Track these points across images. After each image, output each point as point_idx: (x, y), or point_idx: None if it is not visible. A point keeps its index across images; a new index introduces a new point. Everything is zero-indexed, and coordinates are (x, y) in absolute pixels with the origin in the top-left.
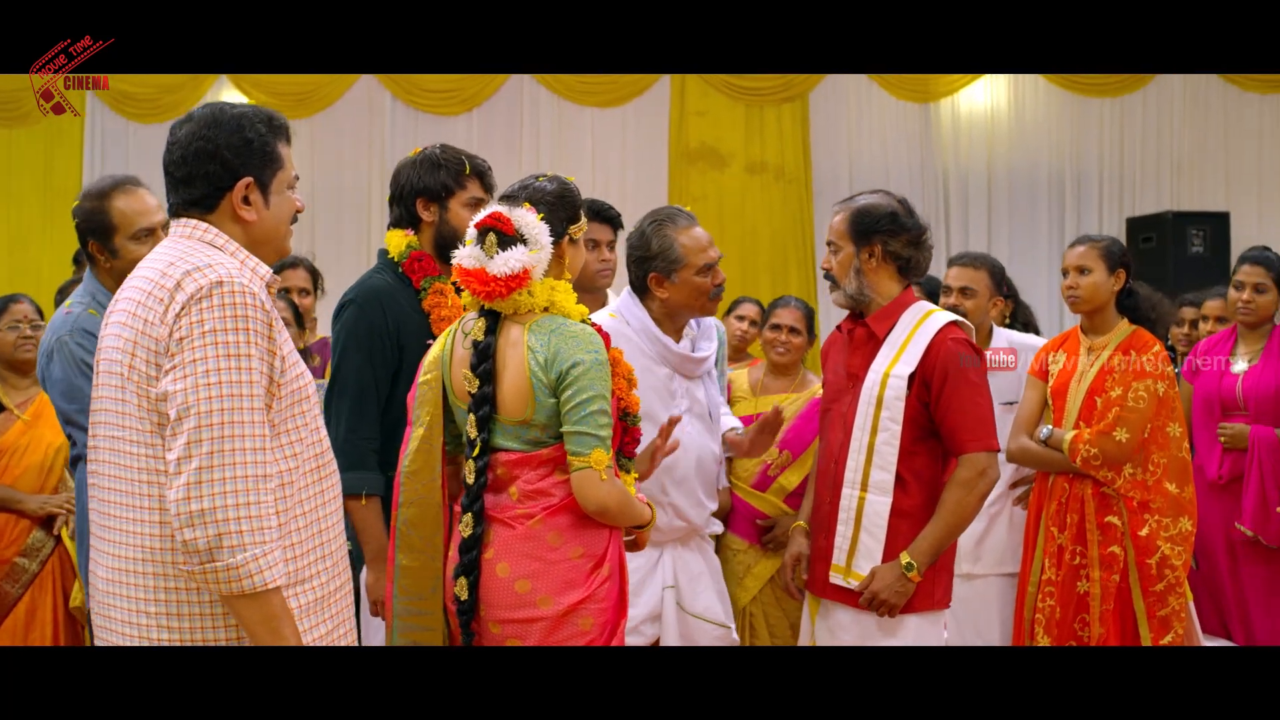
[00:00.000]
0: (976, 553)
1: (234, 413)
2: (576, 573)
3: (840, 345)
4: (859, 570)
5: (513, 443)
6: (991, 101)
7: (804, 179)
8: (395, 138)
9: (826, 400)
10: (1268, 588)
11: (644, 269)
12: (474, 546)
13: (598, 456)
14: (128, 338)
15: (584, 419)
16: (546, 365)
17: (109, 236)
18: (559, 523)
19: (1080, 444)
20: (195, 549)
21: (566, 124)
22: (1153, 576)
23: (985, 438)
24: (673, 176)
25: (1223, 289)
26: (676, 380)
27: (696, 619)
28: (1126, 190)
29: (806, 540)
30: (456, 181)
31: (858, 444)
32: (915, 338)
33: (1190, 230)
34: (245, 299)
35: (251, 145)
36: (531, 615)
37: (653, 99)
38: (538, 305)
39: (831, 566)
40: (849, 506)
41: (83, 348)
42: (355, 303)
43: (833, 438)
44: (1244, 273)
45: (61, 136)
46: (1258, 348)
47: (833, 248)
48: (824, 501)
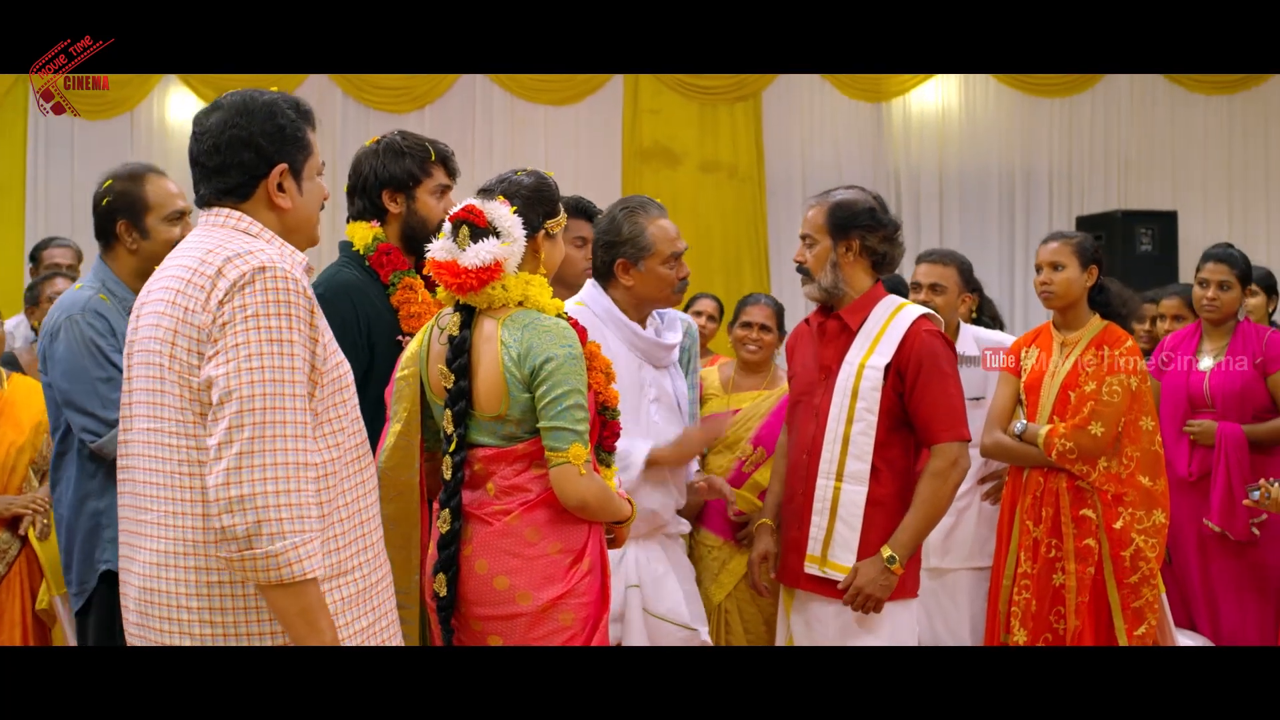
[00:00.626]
0: (945, 546)
1: (277, 398)
2: (555, 568)
3: (808, 339)
4: (836, 560)
5: (488, 438)
6: (942, 101)
7: (757, 178)
8: (346, 135)
9: (796, 393)
10: (1236, 583)
11: (612, 254)
12: (452, 542)
13: (576, 451)
14: (167, 326)
15: (560, 414)
16: (520, 360)
17: (141, 215)
18: (536, 518)
19: (1056, 438)
20: (234, 535)
21: (519, 122)
22: (1127, 569)
23: (957, 427)
24: (626, 175)
25: (1179, 287)
26: (646, 369)
27: (659, 620)
28: (1075, 189)
29: (773, 538)
30: (422, 169)
31: (833, 434)
32: (889, 330)
33: (1139, 229)
34: (288, 284)
35: (284, 131)
36: (511, 611)
37: (606, 97)
38: (512, 299)
39: (807, 557)
40: (824, 497)
41: (94, 328)
42: (324, 297)
43: (804, 430)
44: (1208, 270)
45: (4, 132)
46: (1222, 344)
47: (808, 241)
48: (796, 493)
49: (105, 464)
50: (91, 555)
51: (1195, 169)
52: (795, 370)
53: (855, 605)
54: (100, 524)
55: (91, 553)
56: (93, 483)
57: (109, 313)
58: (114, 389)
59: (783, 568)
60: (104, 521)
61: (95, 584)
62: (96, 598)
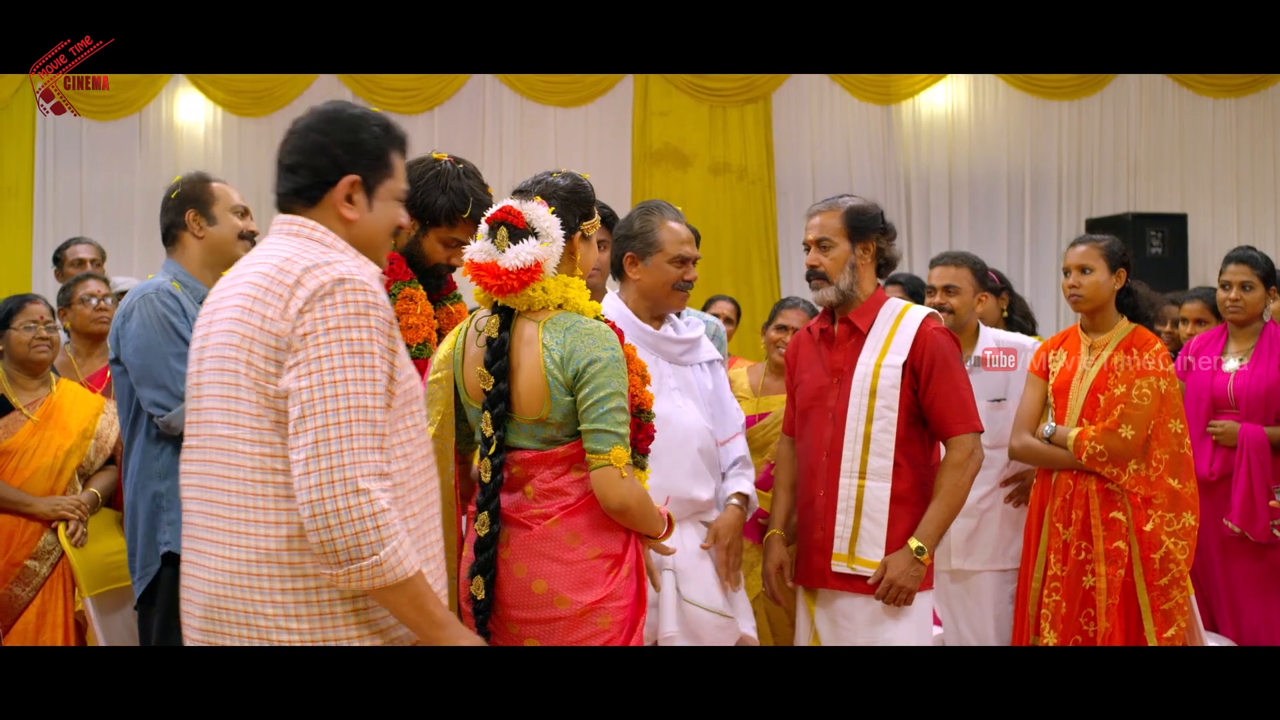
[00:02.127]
0: (969, 548)
1: (359, 410)
2: (594, 572)
3: (809, 346)
4: (864, 556)
5: (528, 441)
6: (952, 104)
7: (767, 180)
8: None
9: (805, 401)
10: (1257, 584)
11: (622, 248)
12: (490, 545)
13: (617, 454)
14: (243, 333)
15: (602, 416)
16: (563, 363)
17: (209, 205)
18: (576, 523)
19: (1085, 441)
20: (333, 551)
21: (529, 124)
22: (1156, 571)
23: (971, 420)
24: (636, 177)
25: (1202, 290)
26: (662, 364)
27: (694, 607)
28: (1085, 192)
29: (785, 548)
30: (448, 218)
31: (853, 434)
32: (900, 329)
33: (1149, 231)
34: (368, 296)
35: (364, 145)
36: (550, 615)
37: (616, 99)
38: (551, 302)
39: (834, 556)
40: (848, 495)
41: (166, 306)
42: None
43: (819, 433)
44: (1230, 272)
45: (12, 134)
46: (1248, 346)
47: (824, 245)
48: (816, 496)
49: (171, 444)
50: (154, 537)
51: (1203, 171)
52: (801, 379)
53: (888, 598)
54: (161, 506)
55: (154, 535)
56: (156, 464)
57: (181, 296)
58: (184, 363)
59: (805, 570)
60: (164, 504)
61: (159, 566)
62: (162, 581)
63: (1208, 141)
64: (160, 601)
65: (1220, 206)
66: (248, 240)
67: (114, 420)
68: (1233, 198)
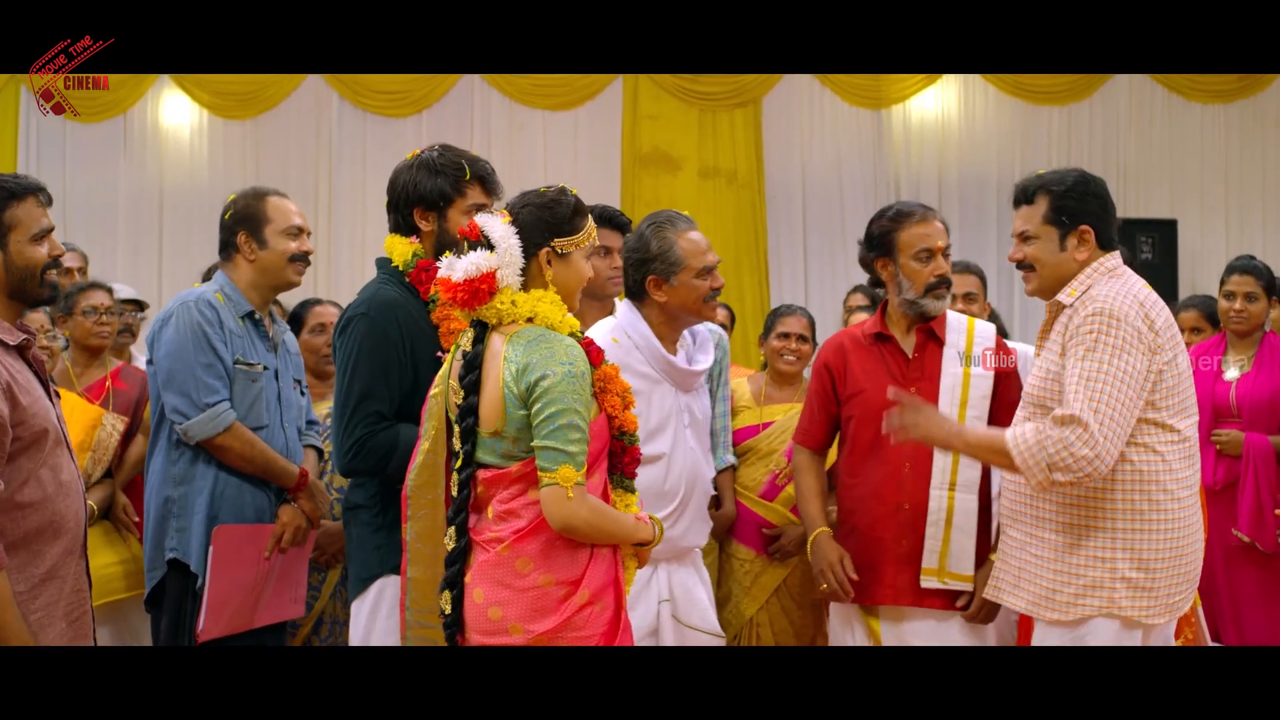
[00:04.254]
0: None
1: None
2: (547, 600)
3: (864, 353)
4: (955, 570)
5: (490, 457)
6: (942, 108)
7: (757, 184)
8: (342, 140)
9: (871, 410)
10: (1263, 592)
11: (643, 271)
12: (457, 560)
13: (565, 473)
14: None
15: (552, 433)
16: (518, 376)
17: (262, 227)
18: (526, 549)
19: None
20: None
21: (518, 127)
22: None
23: None
24: (625, 181)
25: (1198, 299)
26: (677, 399)
27: (693, 630)
28: None
29: (836, 544)
30: (455, 188)
31: None
32: (976, 340)
33: (1139, 237)
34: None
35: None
36: (505, 643)
37: (605, 102)
38: (520, 315)
39: (923, 571)
40: (939, 508)
41: (204, 316)
42: (368, 316)
43: (898, 444)
44: (1234, 282)
45: None
46: (1248, 354)
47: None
48: (897, 507)
49: (189, 451)
50: (161, 542)
51: (1192, 177)
52: (859, 388)
53: (980, 617)
54: (170, 512)
55: (161, 540)
56: (174, 469)
57: (221, 309)
58: (211, 375)
59: (876, 585)
60: (174, 510)
61: (164, 571)
62: (168, 586)
63: (1197, 147)
64: (167, 606)
65: (1209, 212)
66: (300, 262)
67: (112, 432)
68: (1222, 203)
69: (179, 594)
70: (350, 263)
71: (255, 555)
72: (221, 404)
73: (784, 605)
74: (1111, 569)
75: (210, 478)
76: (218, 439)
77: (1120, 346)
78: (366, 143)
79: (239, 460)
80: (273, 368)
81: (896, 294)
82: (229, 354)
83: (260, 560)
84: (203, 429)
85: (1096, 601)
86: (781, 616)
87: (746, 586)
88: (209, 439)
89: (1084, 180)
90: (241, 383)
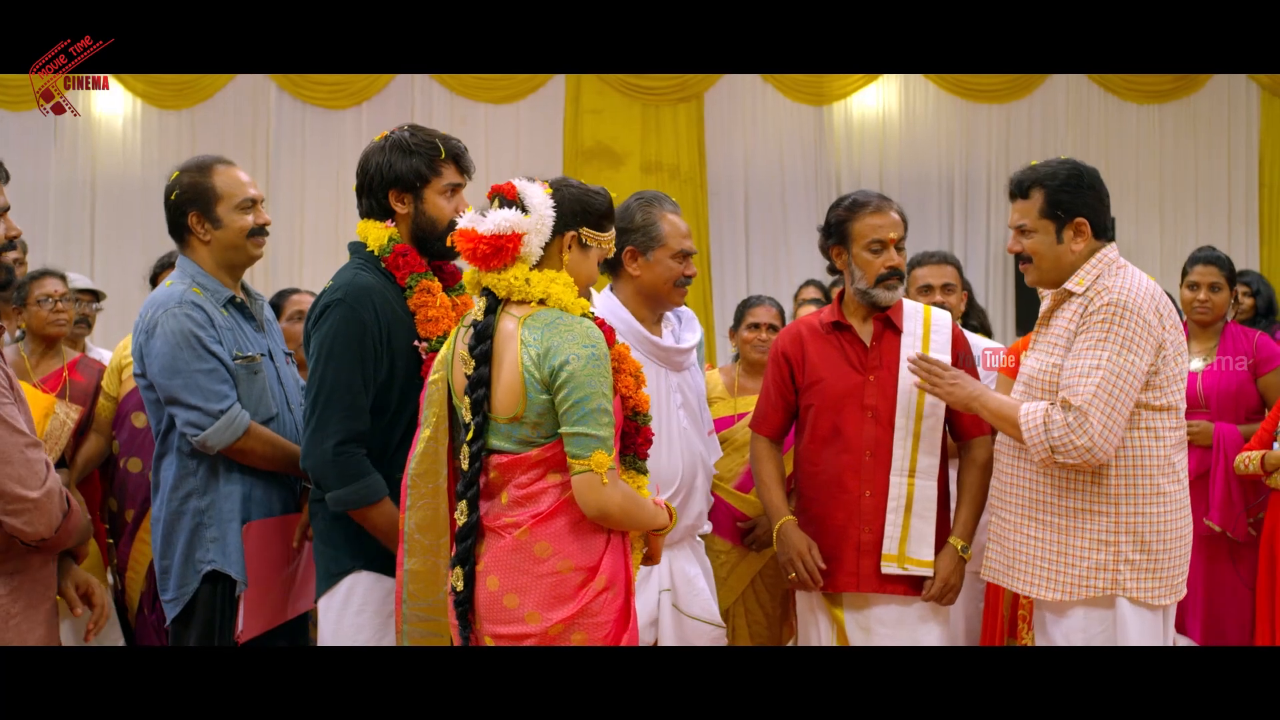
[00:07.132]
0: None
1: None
2: (565, 586)
3: (821, 341)
4: (915, 556)
5: (505, 443)
6: (883, 106)
7: (699, 179)
8: (280, 131)
9: (831, 398)
10: (1236, 582)
11: (622, 241)
12: (469, 535)
13: (599, 459)
14: None
15: (582, 419)
16: (539, 360)
17: (212, 205)
18: (547, 532)
19: None
20: None
21: (459, 120)
22: None
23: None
24: (567, 174)
25: None
26: (669, 375)
27: (693, 620)
28: None
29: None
30: (430, 168)
31: (903, 431)
32: (934, 329)
33: None
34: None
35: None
36: (521, 631)
37: (547, 96)
38: (533, 295)
39: (883, 557)
40: (899, 494)
41: (191, 320)
42: (344, 302)
43: (857, 432)
44: (1198, 273)
45: None
46: (1211, 345)
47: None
48: (859, 494)
49: (207, 460)
50: (193, 556)
51: (1129, 175)
52: (818, 376)
53: (942, 599)
54: (202, 523)
55: (192, 554)
56: (194, 480)
57: (204, 304)
58: (216, 380)
59: (839, 573)
60: (206, 520)
61: (197, 585)
62: (200, 601)
63: (1133, 145)
64: (198, 620)
65: (1143, 212)
66: (260, 235)
67: (66, 421)
68: (1156, 201)
69: (211, 604)
70: (289, 256)
71: (285, 547)
72: (234, 408)
73: (759, 596)
74: (1115, 551)
75: (237, 482)
76: (237, 444)
77: (1129, 340)
78: (306, 135)
79: (261, 461)
80: (266, 350)
81: (850, 283)
82: (226, 352)
83: (289, 551)
84: (221, 437)
85: (1101, 583)
86: (757, 608)
87: (723, 578)
88: (229, 446)
89: (1077, 173)
90: (245, 378)
